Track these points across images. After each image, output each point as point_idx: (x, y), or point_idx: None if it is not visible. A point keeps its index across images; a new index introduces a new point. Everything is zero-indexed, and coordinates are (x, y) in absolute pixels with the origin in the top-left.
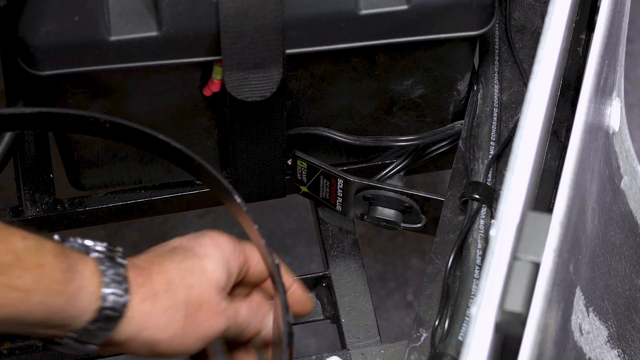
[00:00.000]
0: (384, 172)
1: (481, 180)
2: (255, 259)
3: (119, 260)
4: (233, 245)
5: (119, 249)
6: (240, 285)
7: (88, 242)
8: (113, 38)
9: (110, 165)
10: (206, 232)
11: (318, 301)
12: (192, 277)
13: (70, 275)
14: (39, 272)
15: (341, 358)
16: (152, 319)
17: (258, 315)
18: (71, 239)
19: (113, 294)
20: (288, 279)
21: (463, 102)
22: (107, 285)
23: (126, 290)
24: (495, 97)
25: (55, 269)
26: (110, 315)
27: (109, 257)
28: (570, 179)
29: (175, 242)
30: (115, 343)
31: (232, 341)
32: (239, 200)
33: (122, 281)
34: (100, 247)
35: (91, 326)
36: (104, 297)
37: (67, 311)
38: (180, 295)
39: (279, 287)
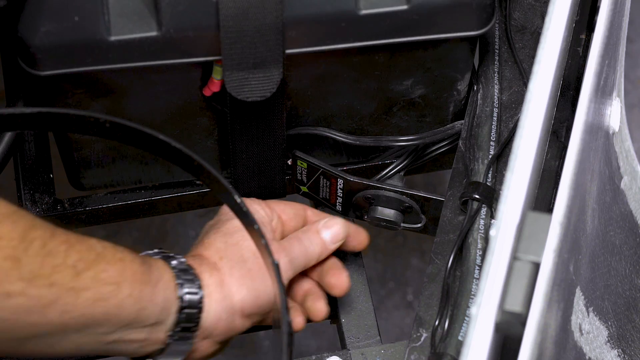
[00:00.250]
0: (384, 172)
1: (481, 180)
2: (286, 212)
3: (173, 255)
4: (257, 203)
5: (165, 250)
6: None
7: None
8: (113, 38)
9: (110, 165)
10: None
11: None
12: (232, 237)
13: (147, 266)
14: (121, 265)
15: (341, 358)
16: (225, 285)
17: (311, 241)
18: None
19: (187, 279)
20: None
21: (463, 102)
22: (177, 274)
23: (193, 273)
24: (495, 97)
25: (133, 262)
26: (192, 299)
27: (165, 255)
28: (570, 179)
29: (212, 221)
30: (211, 328)
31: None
32: (239, 200)
33: (186, 268)
34: (151, 252)
35: (181, 316)
36: (180, 284)
37: (155, 302)
38: (233, 255)
39: (279, 287)
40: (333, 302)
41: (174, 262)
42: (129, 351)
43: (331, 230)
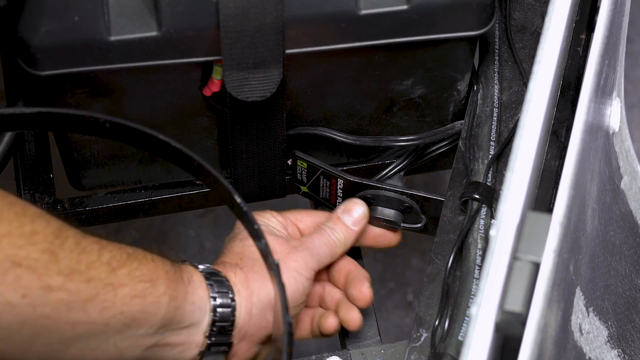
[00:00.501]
0: (384, 172)
1: (481, 180)
2: (303, 220)
3: (197, 264)
4: (268, 213)
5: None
6: None
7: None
8: (113, 38)
9: (110, 165)
10: None
11: None
12: (249, 240)
13: (177, 267)
14: (153, 265)
15: (341, 358)
16: (250, 281)
17: (333, 229)
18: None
19: (214, 280)
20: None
21: (463, 102)
22: (207, 277)
23: (220, 275)
24: (495, 97)
25: (164, 262)
26: (224, 299)
27: (191, 264)
28: (570, 179)
29: (232, 233)
30: (245, 327)
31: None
32: (239, 200)
33: (213, 271)
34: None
35: (215, 315)
36: (210, 284)
37: (190, 300)
38: (252, 254)
39: (279, 288)
40: None
41: (200, 267)
42: (169, 358)
43: (351, 212)
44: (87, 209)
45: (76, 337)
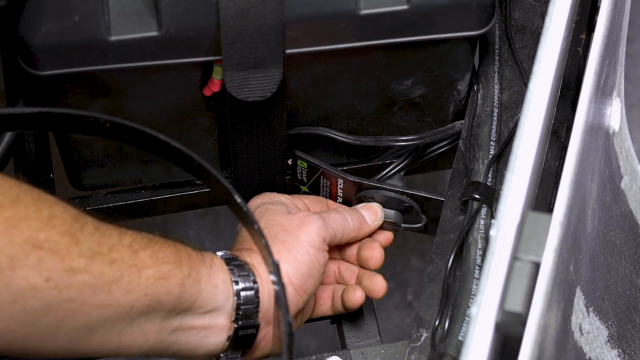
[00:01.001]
0: (384, 172)
1: (481, 180)
2: (309, 198)
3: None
4: (274, 195)
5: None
6: None
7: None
8: (113, 38)
9: (111, 165)
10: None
11: None
12: (261, 221)
13: (198, 251)
14: (174, 248)
15: (341, 358)
16: (263, 264)
17: (351, 215)
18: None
19: (235, 264)
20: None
21: (463, 102)
22: (225, 261)
23: (239, 259)
24: (495, 97)
25: (185, 246)
26: (246, 282)
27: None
28: (570, 179)
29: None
30: (268, 311)
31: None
32: (239, 200)
33: (232, 256)
34: None
35: (239, 300)
36: (231, 269)
37: (213, 283)
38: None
39: (279, 288)
40: None
41: (219, 253)
42: (194, 342)
43: (369, 210)
44: (87, 209)
45: (102, 321)
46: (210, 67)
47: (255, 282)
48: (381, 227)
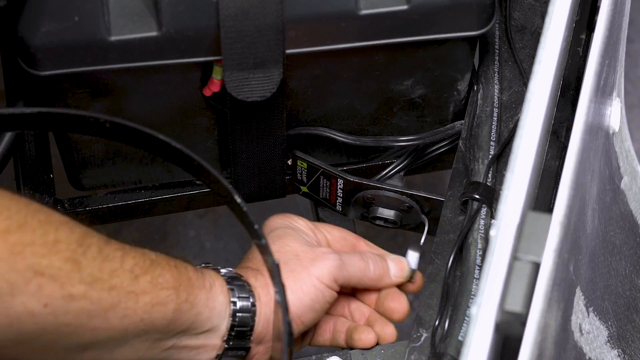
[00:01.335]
0: (384, 172)
1: (481, 180)
2: (332, 233)
3: (217, 266)
4: (299, 218)
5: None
6: None
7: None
8: (113, 38)
9: (110, 165)
10: (271, 218)
11: None
12: (274, 245)
13: (200, 273)
14: (176, 272)
15: (341, 358)
16: (270, 287)
17: (376, 262)
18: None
19: (236, 285)
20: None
21: (463, 102)
22: (228, 281)
23: (242, 279)
24: (495, 97)
25: (187, 268)
26: (244, 306)
27: (213, 268)
28: (570, 179)
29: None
30: (263, 333)
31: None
32: (239, 200)
33: (235, 275)
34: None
35: (235, 320)
36: (231, 289)
37: (210, 306)
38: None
39: (279, 288)
40: None
41: (223, 271)
42: (185, 359)
43: (397, 263)
44: (87, 209)
45: (95, 342)
46: (210, 67)
47: (254, 304)
48: (381, 227)
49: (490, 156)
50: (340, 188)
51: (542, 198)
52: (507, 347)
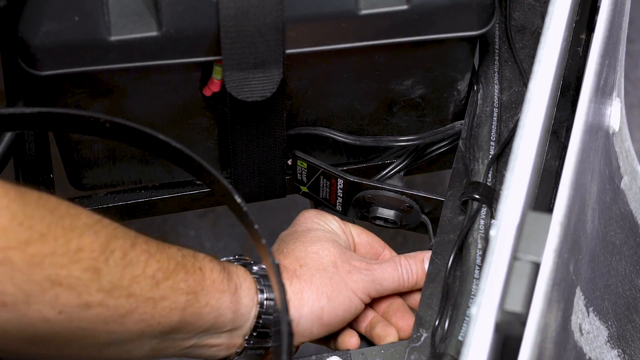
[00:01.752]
0: (384, 172)
1: (481, 180)
2: (360, 236)
3: (251, 261)
4: (333, 218)
5: (246, 257)
6: None
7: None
8: (113, 38)
9: (111, 165)
10: (304, 212)
11: None
12: (312, 246)
13: (226, 274)
14: (200, 275)
15: (341, 358)
16: (305, 292)
17: (411, 268)
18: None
19: (266, 285)
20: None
21: (463, 102)
22: (258, 280)
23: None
24: (495, 97)
25: (213, 270)
26: (270, 305)
27: (245, 263)
28: (570, 179)
29: (287, 231)
30: None
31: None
32: (239, 200)
33: (266, 274)
34: (232, 258)
35: (259, 322)
36: (260, 289)
37: (233, 310)
38: (313, 263)
39: (279, 287)
40: None
41: (255, 268)
42: (206, 355)
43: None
44: (87, 209)
45: (111, 343)
46: (210, 67)
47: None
48: (381, 227)
49: (490, 156)
50: (340, 188)
51: (542, 198)
52: (507, 347)
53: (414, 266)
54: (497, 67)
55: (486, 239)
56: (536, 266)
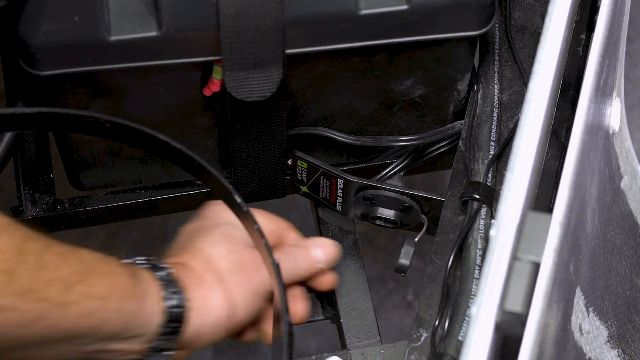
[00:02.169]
0: (384, 172)
1: (481, 180)
2: (264, 225)
3: (161, 265)
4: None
5: (153, 257)
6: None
7: (128, 260)
8: (113, 38)
9: (110, 165)
10: (211, 206)
11: (318, 301)
12: (221, 246)
13: (135, 279)
14: (112, 279)
15: (341, 358)
16: (211, 299)
17: (302, 256)
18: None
19: (173, 292)
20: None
21: (463, 102)
22: (165, 287)
23: (179, 286)
24: (495, 97)
25: (123, 274)
26: (175, 313)
27: (153, 265)
28: (570, 179)
29: (194, 225)
30: (190, 341)
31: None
32: (239, 200)
33: (173, 280)
34: (140, 259)
35: (163, 329)
36: (166, 297)
37: (140, 316)
38: (222, 265)
39: (280, 287)
40: (333, 302)
41: (161, 274)
42: (109, 359)
43: (322, 249)
44: (87, 209)
45: (16, 348)
46: (210, 67)
47: (183, 316)
48: (381, 227)
49: (490, 156)
50: (340, 188)
51: (542, 198)
52: (507, 347)
53: (308, 254)
54: (497, 67)
55: (486, 239)
56: (536, 266)
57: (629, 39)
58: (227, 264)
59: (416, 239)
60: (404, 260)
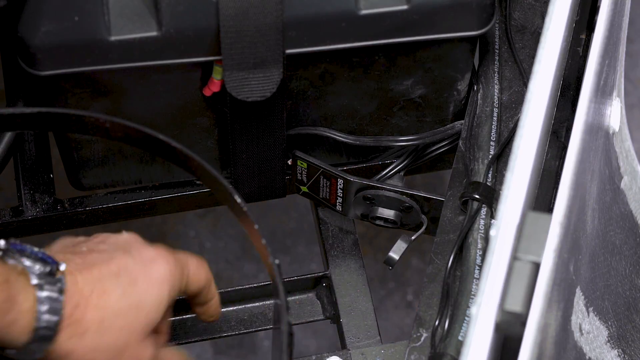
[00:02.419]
0: (384, 172)
1: (481, 180)
2: (192, 269)
3: (59, 286)
4: (172, 270)
5: (62, 267)
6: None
7: (28, 263)
8: (113, 38)
9: (110, 165)
10: (154, 257)
11: (318, 301)
12: (125, 318)
13: (8, 305)
14: None
15: (341, 358)
16: (74, 356)
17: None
18: (17, 256)
19: (45, 327)
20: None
21: (463, 102)
22: (38, 321)
23: (57, 326)
24: (495, 97)
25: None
26: (36, 349)
27: (50, 283)
28: (570, 179)
29: (124, 260)
30: (64, 353)
31: None
32: (239, 200)
33: (56, 313)
34: (39, 268)
35: (30, 345)
36: (35, 330)
37: (10, 330)
38: (108, 338)
39: (280, 287)
40: (333, 302)
41: (35, 281)
42: None
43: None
44: (87, 209)
45: None
46: (210, 67)
47: (52, 337)
48: (381, 227)
49: (490, 156)
50: (340, 188)
51: (542, 198)
52: (507, 347)
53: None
54: (497, 67)
55: (486, 239)
56: (536, 266)
57: (629, 39)
58: (113, 336)
59: (413, 237)
60: (393, 254)
